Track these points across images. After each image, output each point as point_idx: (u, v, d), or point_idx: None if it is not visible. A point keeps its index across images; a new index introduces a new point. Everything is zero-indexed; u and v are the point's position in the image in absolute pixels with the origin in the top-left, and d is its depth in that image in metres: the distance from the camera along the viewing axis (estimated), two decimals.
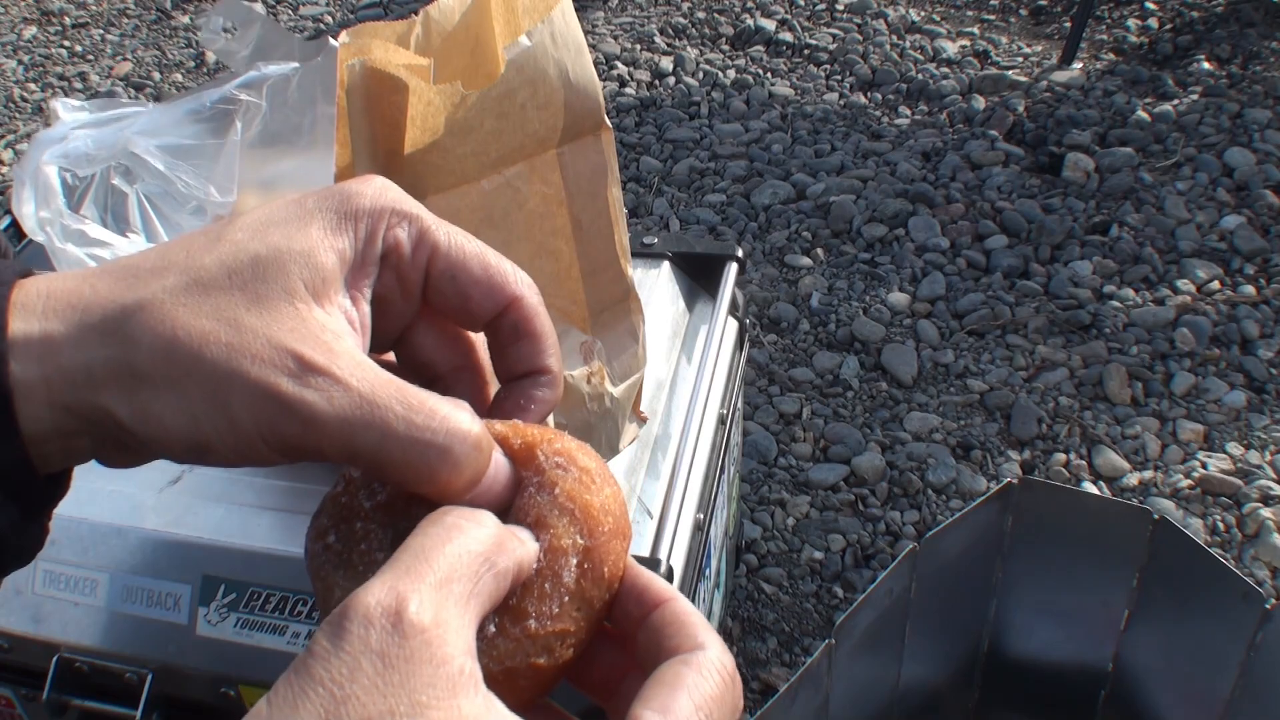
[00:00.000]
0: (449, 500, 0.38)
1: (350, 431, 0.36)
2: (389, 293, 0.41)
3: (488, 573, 0.35)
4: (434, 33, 0.80)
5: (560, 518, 0.38)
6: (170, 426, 0.36)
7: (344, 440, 0.36)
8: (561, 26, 0.78)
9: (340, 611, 0.32)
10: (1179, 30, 3.28)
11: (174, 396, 0.35)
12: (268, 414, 0.35)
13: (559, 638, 0.37)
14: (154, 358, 0.35)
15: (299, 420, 0.35)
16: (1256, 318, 2.22)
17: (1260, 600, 1.10)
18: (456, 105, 0.73)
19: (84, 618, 0.91)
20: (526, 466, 0.39)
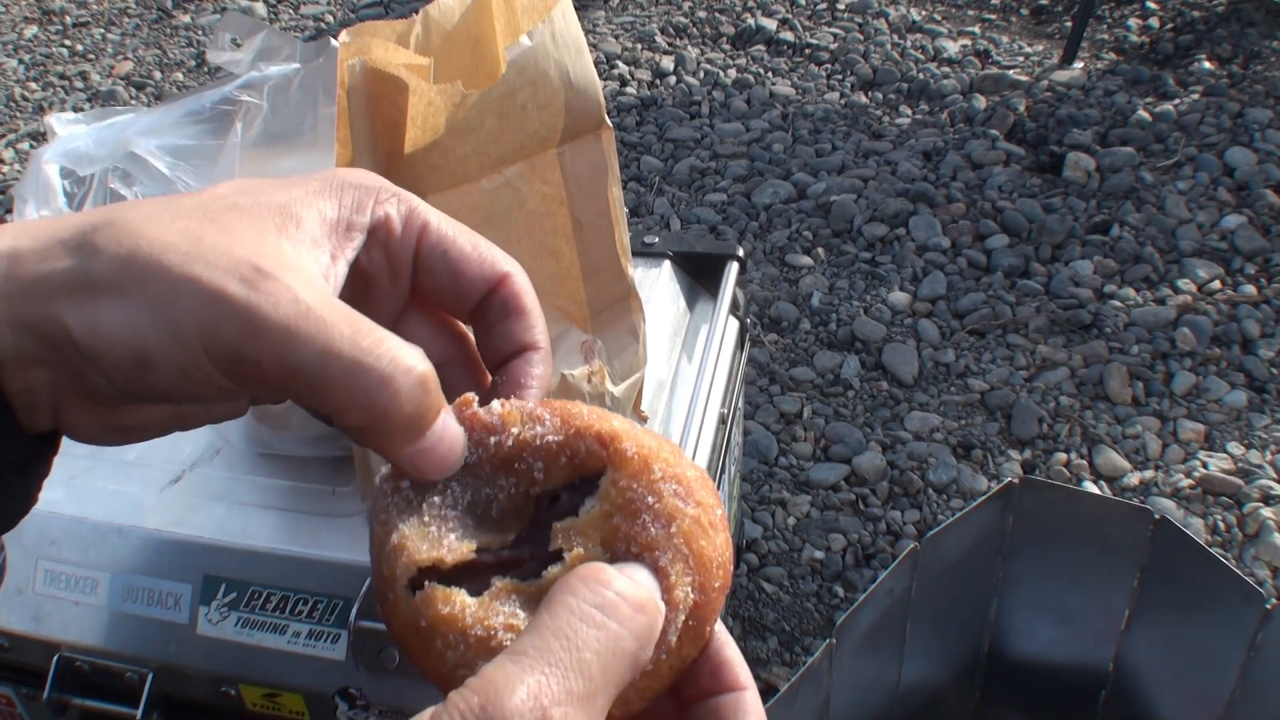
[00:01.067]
0: (388, 448, 0.37)
1: (292, 342, 0.35)
2: (377, 273, 0.41)
3: (632, 673, 0.33)
4: (434, 32, 0.80)
5: (675, 562, 0.35)
6: (115, 335, 0.35)
7: (284, 351, 0.35)
8: (562, 26, 0.78)
9: (478, 709, 0.29)
10: (1180, 30, 3.28)
11: (123, 304, 0.35)
12: (210, 317, 0.35)
13: (641, 692, 0.36)
14: (112, 266, 0.35)
15: (240, 323, 0.35)
16: (1257, 317, 2.22)
17: (1261, 600, 1.10)
18: (457, 105, 0.73)
19: (85, 617, 0.91)
20: (638, 478, 0.36)
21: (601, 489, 0.36)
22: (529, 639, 0.31)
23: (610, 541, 0.36)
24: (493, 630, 0.34)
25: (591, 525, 0.36)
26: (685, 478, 0.36)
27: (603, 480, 0.37)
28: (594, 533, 0.36)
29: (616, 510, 0.36)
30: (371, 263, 0.40)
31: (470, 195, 0.78)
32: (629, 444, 0.36)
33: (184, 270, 0.35)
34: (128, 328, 0.35)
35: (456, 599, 0.35)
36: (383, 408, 0.36)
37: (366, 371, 0.35)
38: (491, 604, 0.35)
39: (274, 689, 0.88)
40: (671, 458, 0.37)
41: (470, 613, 0.35)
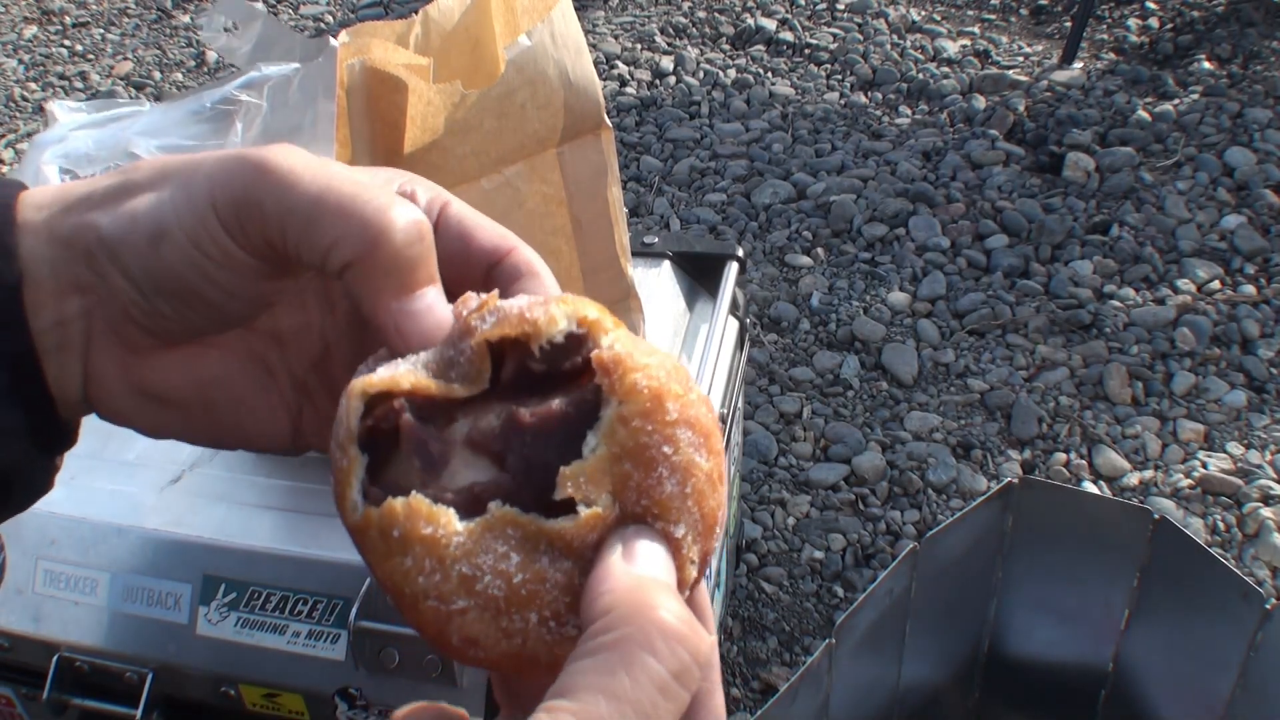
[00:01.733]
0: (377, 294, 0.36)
1: (294, 180, 0.36)
2: None
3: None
4: (433, 32, 0.80)
5: (688, 533, 0.33)
6: (137, 216, 0.37)
7: (285, 189, 0.36)
8: (561, 26, 0.78)
9: None
10: (1179, 30, 3.28)
11: (152, 194, 0.37)
12: (222, 172, 0.37)
13: None
14: (151, 173, 0.38)
15: (248, 171, 0.36)
16: (1257, 317, 2.22)
17: (1260, 600, 1.10)
18: (456, 105, 0.73)
19: (84, 617, 0.91)
20: (651, 419, 0.33)
21: (605, 423, 0.33)
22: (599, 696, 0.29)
23: (621, 491, 0.33)
24: (479, 572, 0.32)
25: (600, 470, 0.33)
26: (700, 422, 0.33)
27: (606, 412, 0.33)
28: (604, 479, 0.33)
29: (627, 455, 0.33)
30: None
31: (469, 195, 0.78)
32: (640, 376, 0.33)
33: (213, 157, 0.38)
34: (150, 207, 0.37)
35: (443, 520, 0.32)
36: (374, 235, 0.36)
37: (364, 204, 0.36)
38: (483, 537, 0.32)
39: (274, 689, 0.88)
40: (680, 388, 0.33)
41: (457, 543, 0.32)
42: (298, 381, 0.43)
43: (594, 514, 0.32)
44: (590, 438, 0.33)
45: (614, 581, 0.31)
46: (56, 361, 0.38)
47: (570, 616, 0.33)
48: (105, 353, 0.39)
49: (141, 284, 0.37)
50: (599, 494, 0.33)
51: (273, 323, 0.43)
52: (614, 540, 0.33)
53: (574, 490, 0.32)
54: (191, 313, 0.39)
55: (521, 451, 0.33)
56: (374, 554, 0.33)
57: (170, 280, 0.37)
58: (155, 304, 0.38)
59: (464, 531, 0.32)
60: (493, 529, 0.32)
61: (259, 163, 0.37)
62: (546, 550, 0.33)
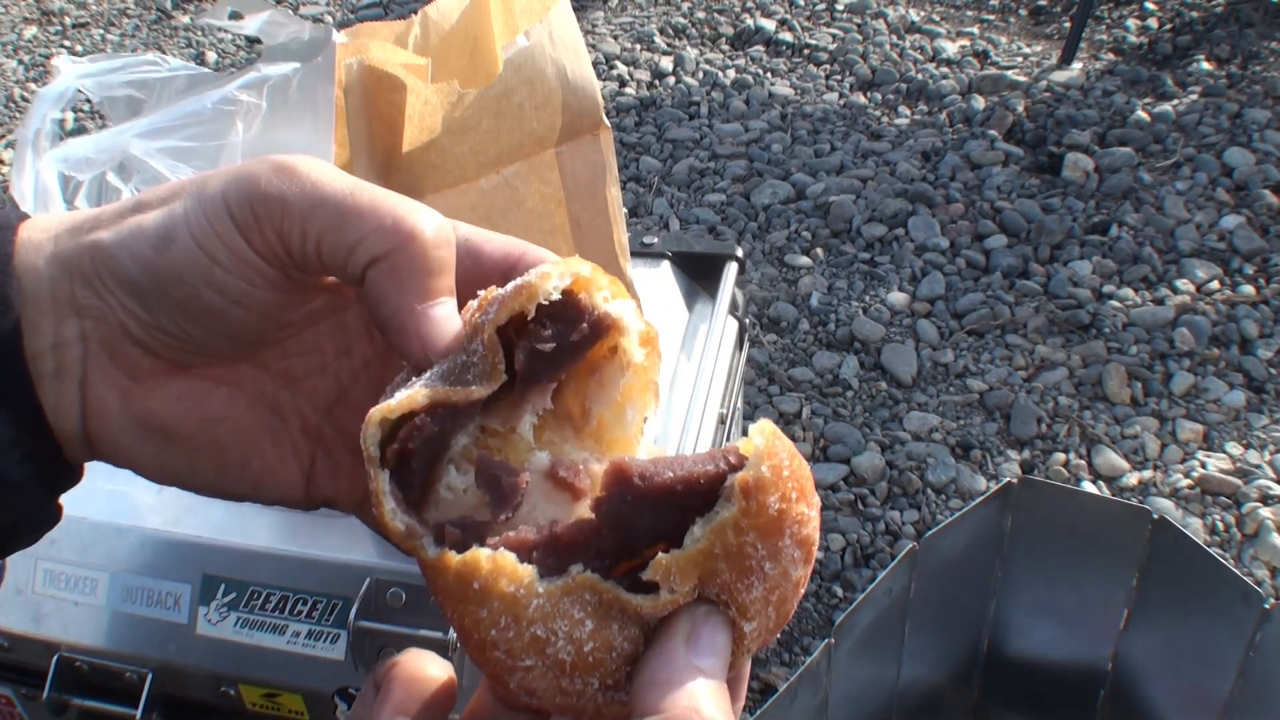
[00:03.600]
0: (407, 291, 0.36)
1: (321, 181, 0.36)
2: None
3: None
4: (432, 33, 0.80)
5: (759, 630, 0.34)
6: (146, 226, 0.37)
7: (312, 186, 0.36)
8: (559, 26, 0.78)
9: None
10: (1178, 30, 3.28)
11: (164, 207, 0.37)
12: (242, 171, 0.37)
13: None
14: (165, 189, 0.38)
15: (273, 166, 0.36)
16: (1256, 317, 2.22)
17: (1259, 600, 1.10)
18: (454, 104, 0.73)
19: (84, 617, 0.91)
20: (766, 539, 0.33)
21: (717, 522, 0.33)
22: None
23: (707, 582, 0.34)
24: (553, 636, 0.33)
25: (692, 562, 0.33)
26: (808, 540, 0.34)
27: (722, 512, 0.33)
28: (693, 570, 0.33)
29: (726, 556, 0.33)
30: None
31: (468, 194, 0.78)
32: (774, 498, 0.33)
33: (228, 166, 0.37)
34: (160, 216, 0.37)
35: (525, 581, 0.33)
36: (406, 231, 0.36)
37: (395, 203, 0.36)
38: (561, 601, 0.33)
39: (273, 689, 0.88)
40: (805, 508, 0.34)
41: (536, 605, 0.33)
42: (310, 427, 0.42)
43: (674, 600, 0.33)
44: (697, 527, 0.33)
45: (672, 673, 0.32)
46: (54, 389, 0.37)
47: (626, 684, 0.34)
48: (105, 379, 0.38)
49: (145, 294, 0.37)
50: (686, 585, 0.33)
51: (284, 363, 0.42)
52: (683, 620, 0.33)
53: (663, 580, 0.33)
54: (195, 326, 0.38)
55: (620, 505, 0.34)
56: (448, 596, 0.34)
57: (175, 286, 0.36)
58: (158, 318, 0.37)
59: (544, 594, 0.33)
60: (572, 593, 0.33)
61: (282, 162, 0.37)
62: (617, 617, 0.34)
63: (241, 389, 0.41)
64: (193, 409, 0.39)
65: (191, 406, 0.39)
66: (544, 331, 0.35)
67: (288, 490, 0.42)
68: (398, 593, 0.84)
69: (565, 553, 0.34)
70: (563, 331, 0.35)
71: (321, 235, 0.36)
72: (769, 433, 0.33)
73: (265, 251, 0.37)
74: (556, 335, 0.35)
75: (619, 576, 0.34)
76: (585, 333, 0.35)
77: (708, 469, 0.33)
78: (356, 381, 0.43)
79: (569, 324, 0.35)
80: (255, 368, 0.41)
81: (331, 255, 0.36)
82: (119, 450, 0.39)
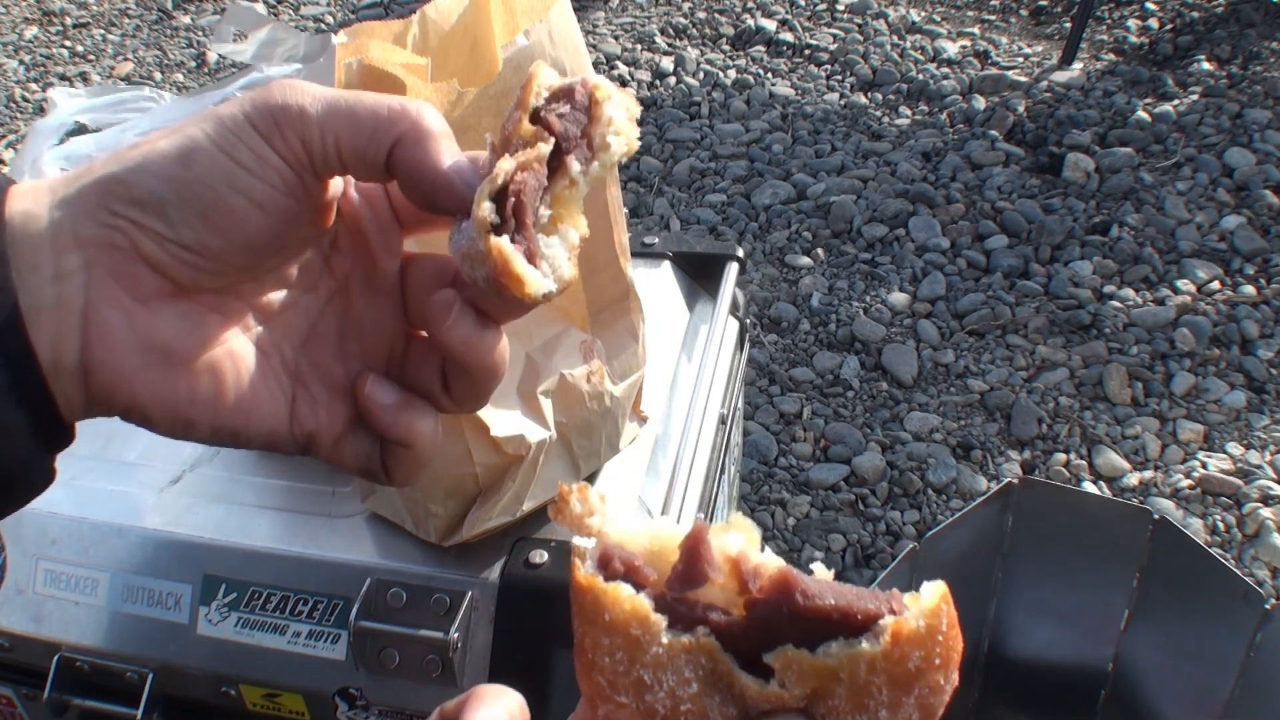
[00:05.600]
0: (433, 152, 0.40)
1: (325, 90, 0.40)
2: None
3: None
4: (431, 32, 0.80)
5: None
6: (162, 147, 0.39)
7: (322, 95, 0.40)
8: (559, 26, 0.78)
9: None
10: (1179, 31, 3.28)
11: (177, 135, 0.40)
12: (254, 94, 0.40)
13: None
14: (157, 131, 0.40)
15: (282, 84, 0.40)
16: (1256, 318, 2.22)
17: (1260, 600, 1.10)
18: (453, 104, 0.73)
19: (85, 617, 0.91)
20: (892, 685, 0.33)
21: (853, 652, 0.33)
22: None
23: (820, 697, 0.34)
24: (657, 685, 0.34)
25: (816, 671, 0.34)
26: (931, 710, 0.34)
27: (863, 646, 0.33)
28: (812, 678, 0.34)
29: (849, 685, 0.33)
30: None
31: None
32: (918, 653, 0.33)
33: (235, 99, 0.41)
34: (176, 137, 0.39)
35: (653, 630, 0.34)
36: (419, 107, 0.40)
37: (390, 98, 0.40)
38: (678, 656, 0.34)
39: (274, 689, 0.88)
40: (941, 678, 0.34)
41: (654, 653, 0.34)
42: (288, 363, 0.44)
43: (780, 695, 0.34)
44: (835, 645, 0.34)
45: None
46: (53, 320, 0.38)
47: None
48: (109, 301, 0.39)
49: (166, 206, 0.39)
50: (800, 688, 0.34)
51: (261, 297, 0.44)
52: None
53: (781, 670, 0.34)
54: (214, 234, 0.40)
55: (774, 613, 0.35)
56: (581, 610, 0.35)
57: (200, 192, 0.39)
58: (178, 229, 0.39)
59: (665, 646, 0.34)
60: (690, 651, 0.34)
61: (286, 82, 0.40)
62: (722, 691, 0.34)
63: (231, 319, 0.43)
64: (192, 329, 0.41)
65: (190, 327, 0.41)
66: (559, 104, 0.41)
67: (275, 424, 0.43)
68: (399, 593, 0.84)
69: (701, 617, 0.35)
70: (568, 97, 0.41)
71: (339, 135, 0.40)
72: (941, 594, 0.34)
73: (288, 155, 0.40)
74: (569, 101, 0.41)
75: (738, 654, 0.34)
76: (585, 92, 0.41)
77: (868, 607, 0.34)
78: (323, 317, 0.45)
79: (568, 93, 0.41)
80: (238, 299, 0.43)
81: (353, 150, 0.40)
82: (121, 376, 0.40)
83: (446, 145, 0.41)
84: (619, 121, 0.42)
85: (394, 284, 0.45)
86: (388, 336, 0.45)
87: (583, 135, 0.41)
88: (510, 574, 0.84)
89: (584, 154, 0.41)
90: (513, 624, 0.83)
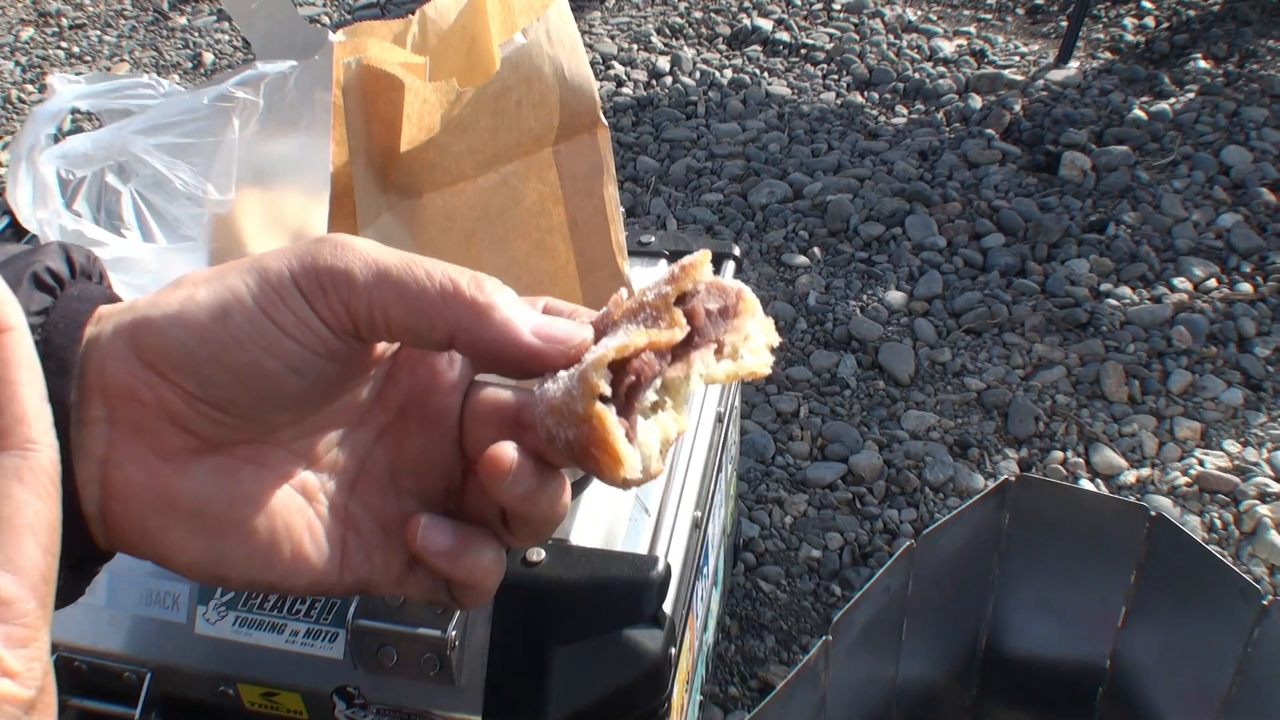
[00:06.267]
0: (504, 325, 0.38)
1: (380, 253, 0.37)
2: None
3: None
4: (430, 32, 0.80)
5: None
6: (201, 299, 0.37)
7: (374, 261, 0.37)
8: (557, 24, 0.78)
9: None
10: (1175, 29, 3.28)
11: (216, 284, 0.37)
12: (302, 246, 0.37)
13: None
14: (199, 273, 0.38)
15: (332, 241, 0.37)
16: (1253, 315, 2.22)
17: (1258, 597, 1.11)
18: (452, 103, 0.73)
19: (82, 617, 0.91)
20: None
21: None
22: None
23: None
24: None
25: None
26: None
27: None
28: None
29: None
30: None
31: (466, 193, 0.78)
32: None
33: (283, 248, 0.38)
34: (215, 286, 0.37)
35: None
36: (470, 280, 0.37)
37: (456, 273, 0.38)
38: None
39: (272, 688, 0.88)
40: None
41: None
42: (337, 507, 0.42)
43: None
44: None
45: None
46: (80, 463, 0.37)
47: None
48: (132, 459, 0.37)
49: (198, 364, 0.36)
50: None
51: (303, 441, 0.41)
52: None
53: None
54: (245, 395, 0.37)
55: None
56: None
57: (234, 354, 0.36)
58: (207, 389, 0.37)
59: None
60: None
61: (339, 239, 0.37)
62: None
63: (268, 468, 0.40)
64: (221, 488, 0.38)
65: (220, 485, 0.38)
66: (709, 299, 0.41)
67: (321, 575, 0.41)
68: None
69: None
70: (720, 298, 0.41)
71: (389, 309, 0.37)
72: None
73: (332, 320, 0.37)
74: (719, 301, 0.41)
75: None
76: (735, 299, 0.41)
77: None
78: (373, 453, 0.43)
79: (722, 293, 0.41)
80: (276, 447, 0.40)
81: (405, 329, 0.38)
82: (144, 534, 0.38)
83: (518, 314, 0.38)
84: (755, 341, 0.41)
85: (454, 418, 0.42)
86: (445, 471, 0.43)
87: (717, 340, 0.40)
88: (507, 572, 0.84)
89: (711, 357, 0.40)
90: (510, 621, 0.83)
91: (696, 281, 0.40)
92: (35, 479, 0.30)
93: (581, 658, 0.81)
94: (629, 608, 0.83)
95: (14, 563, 0.28)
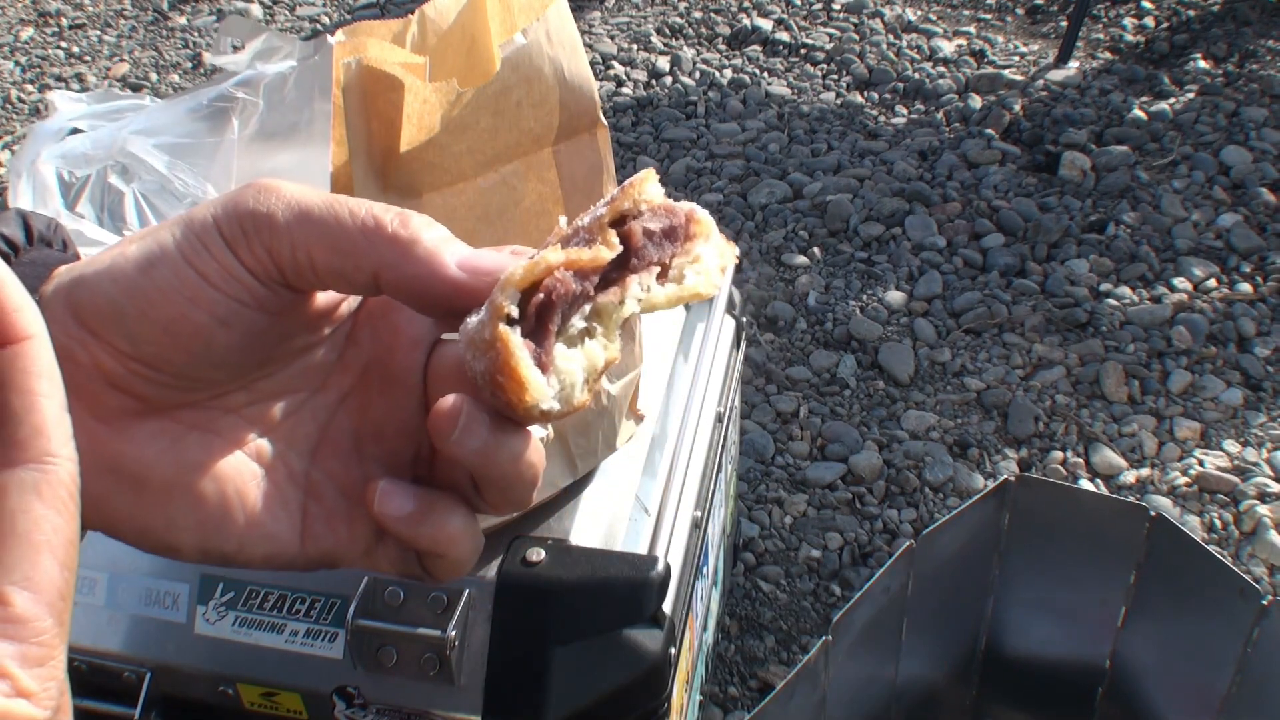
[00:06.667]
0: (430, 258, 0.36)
1: (303, 196, 0.36)
2: None
3: None
4: (429, 32, 0.80)
5: None
6: (129, 253, 0.36)
7: (297, 198, 0.36)
8: (557, 24, 0.78)
9: None
10: (1175, 29, 3.28)
11: (148, 239, 0.36)
12: (227, 195, 0.36)
13: None
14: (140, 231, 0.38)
15: (256, 190, 0.36)
16: (1253, 315, 2.22)
17: (1257, 597, 1.11)
18: (452, 103, 0.73)
19: (82, 617, 0.91)
20: None
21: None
22: None
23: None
24: None
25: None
26: None
27: None
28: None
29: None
30: None
31: (466, 193, 0.78)
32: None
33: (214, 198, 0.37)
34: (145, 241, 0.36)
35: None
36: (394, 216, 0.36)
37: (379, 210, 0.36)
38: None
39: (272, 688, 0.88)
40: None
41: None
42: (296, 475, 0.40)
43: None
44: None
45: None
46: None
47: None
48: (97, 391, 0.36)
49: (127, 320, 0.35)
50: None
51: (257, 407, 0.40)
52: None
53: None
54: (178, 352, 0.36)
55: None
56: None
57: (160, 306, 0.35)
58: (139, 345, 0.36)
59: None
60: None
61: (264, 183, 0.36)
62: None
63: (217, 434, 0.39)
64: (165, 452, 0.37)
65: (164, 449, 0.37)
66: (652, 220, 0.38)
67: (282, 546, 0.39)
68: (396, 591, 0.84)
69: None
70: (667, 218, 0.38)
71: (312, 249, 0.36)
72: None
73: (255, 267, 0.36)
74: (665, 223, 0.38)
75: None
76: (685, 220, 0.39)
77: None
78: (335, 418, 0.41)
79: (670, 214, 0.39)
80: (228, 413, 0.39)
81: (331, 270, 0.36)
82: (90, 500, 0.35)
83: (444, 247, 0.36)
84: (707, 263, 0.39)
85: (418, 377, 0.40)
86: (412, 435, 0.40)
87: (659, 263, 0.38)
88: (507, 572, 0.84)
89: (652, 281, 0.37)
90: (510, 621, 0.83)
91: (637, 202, 0.38)
92: (54, 494, 0.29)
93: (581, 658, 0.81)
94: (629, 608, 0.83)
95: (31, 580, 0.28)
